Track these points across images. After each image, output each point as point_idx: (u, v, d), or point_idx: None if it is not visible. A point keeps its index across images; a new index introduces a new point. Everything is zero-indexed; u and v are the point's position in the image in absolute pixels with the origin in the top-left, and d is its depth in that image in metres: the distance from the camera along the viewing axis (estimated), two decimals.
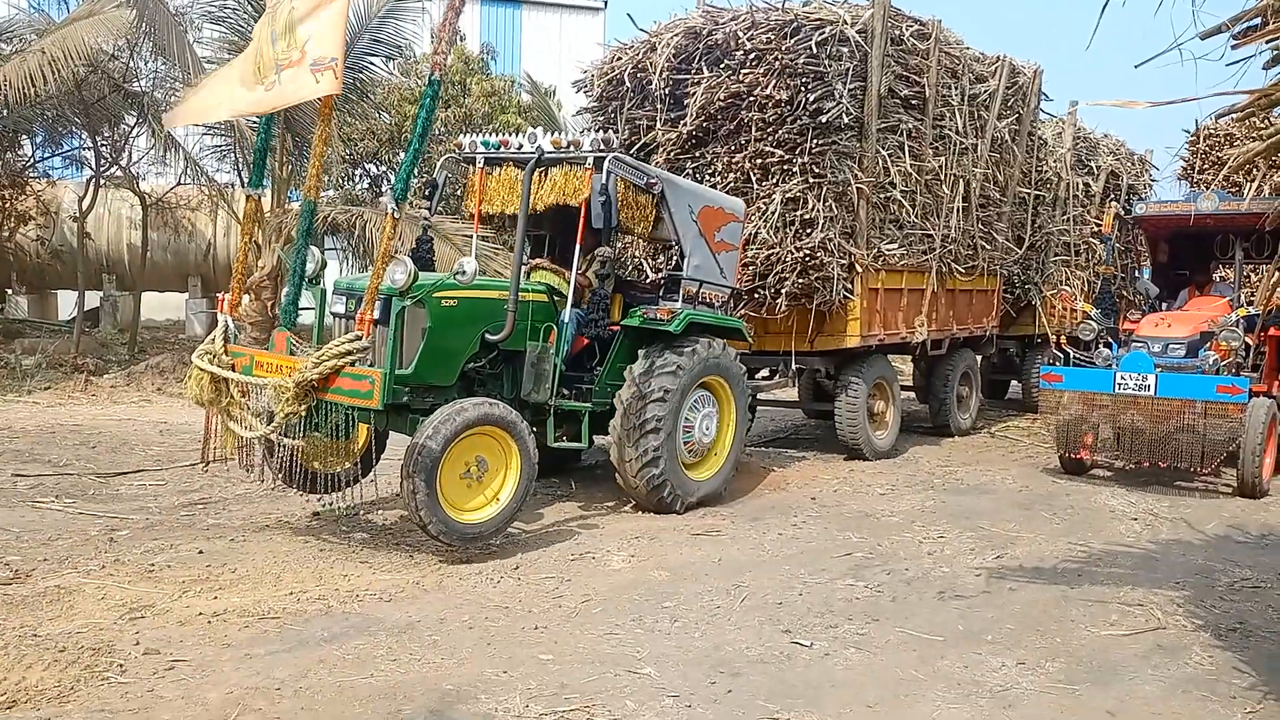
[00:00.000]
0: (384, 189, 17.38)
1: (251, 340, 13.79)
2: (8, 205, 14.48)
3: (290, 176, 13.95)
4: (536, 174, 6.61)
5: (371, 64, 14.13)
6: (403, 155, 16.95)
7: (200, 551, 5.58)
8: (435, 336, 5.86)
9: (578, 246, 6.63)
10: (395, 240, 5.52)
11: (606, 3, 26.98)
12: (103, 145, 14.11)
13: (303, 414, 5.37)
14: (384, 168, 17.38)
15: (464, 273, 5.90)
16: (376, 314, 5.53)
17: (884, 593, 5.34)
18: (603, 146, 6.52)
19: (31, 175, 15.22)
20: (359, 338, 5.39)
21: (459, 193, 14.99)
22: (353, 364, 5.36)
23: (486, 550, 5.84)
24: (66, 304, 17.87)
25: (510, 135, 7.04)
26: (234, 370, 5.69)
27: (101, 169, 14.32)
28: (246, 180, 6.25)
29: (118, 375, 12.19)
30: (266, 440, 5.68)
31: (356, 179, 17.13)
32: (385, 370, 5.48)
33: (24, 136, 14.40)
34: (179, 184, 15.37)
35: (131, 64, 13.27)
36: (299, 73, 5.17)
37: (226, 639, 4.32)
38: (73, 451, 8.20)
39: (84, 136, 14.33)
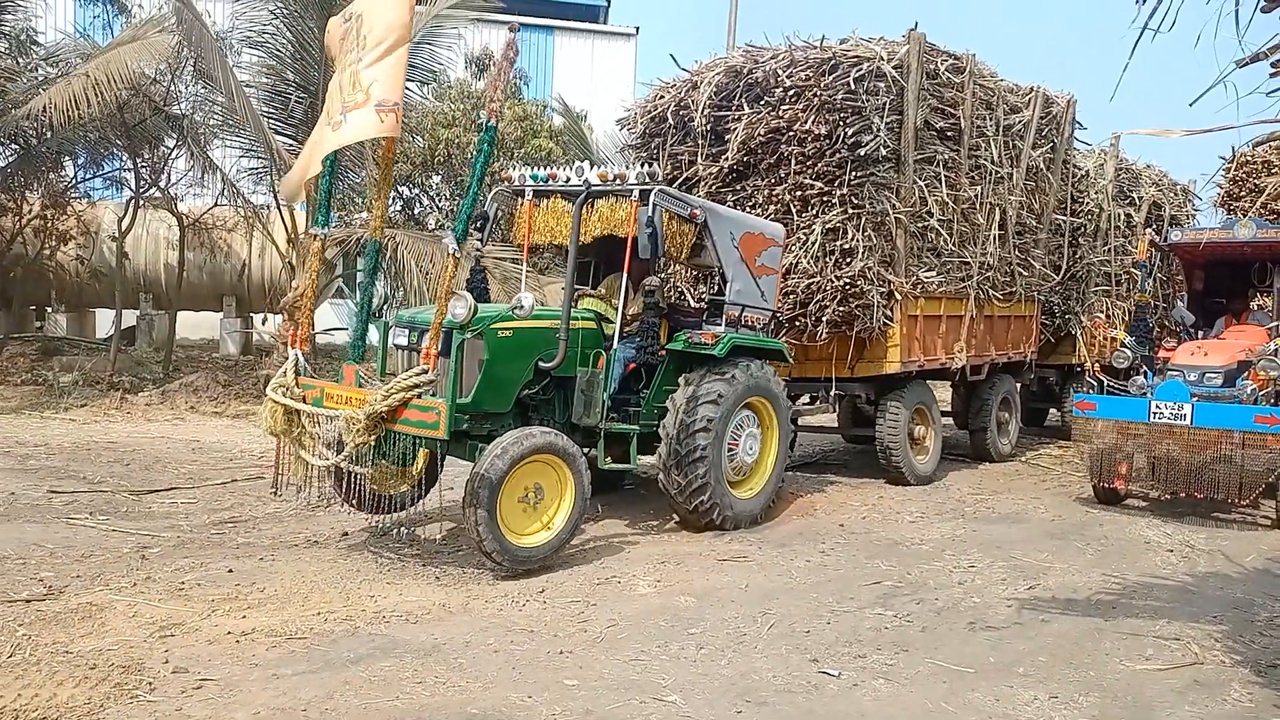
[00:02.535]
0: (415, 211, 17.56)
1: (284, 359, 13.93)
2: (49, 225, 14.76)
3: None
4: (586, 206, 6.83)
5: (406, 88, 14.30)
6: (434, 178, 17.14)
7: (230, 570, 5.62)
8: (493, 366, 6.15)
9: (625, 275, 6.85)
10: (455, 277, 5.84)
11: (638, 29, 27.20)
12: (143, 167, 14.37)
13: (372, 444, 5.61)
14: (416, 190, 17.56)
15: (522, 307, 6.17)
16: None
17: (913, 622, 5.27)
18: (648, 180, 6.71)
19: (73, 195, 15.52)
20: (425, 371, 5.64)
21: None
22: (419, 396, 5.58)
23: (512, 576, 5.84)
24: (104, 322, 18.15)
25: (557, 169, 7.28)
26: (305, 402, 5.97)
27: (141, 190, 14.57)
28: (311, 220, 6.68)
29: (153, 393, 12.35)
30: (335, 467, 5.95)
31: (390, 203, 17.29)
32: (448, 401, 5.68)
33: (66, 158, 14.70)
34: (216, 205, 15.61)
35: (172, 87, 13.53)
36: (364, 113, 5.50)
37: (254, 658, 4.35)
38: (107, 469, 8.31)
39: (124, 158, 14.60)
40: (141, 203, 14.90)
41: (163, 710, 3.79)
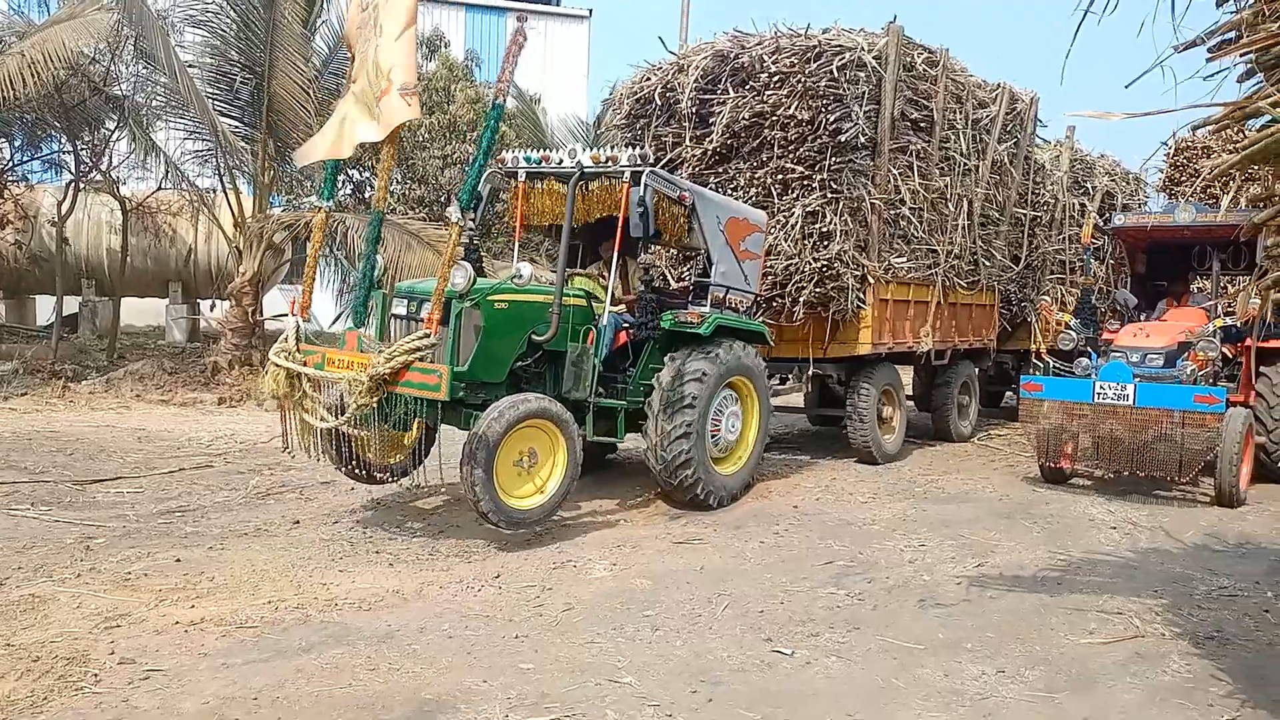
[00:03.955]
0: (366, 195, 17.32)
1: (232, 346, 13.67)
2: None
3: (272, 182, 13.86)
4: (577, 187, 6.95)
5: None
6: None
7: (178, 560, 5.53)
8: (489, 336, 6.32)
9: (615, 253, 6.97)
10: (458, 245, 5.99)
11: (591, 11, 27.04)
12: (82, 149, 14.01)
13: (374, 406, 5.75)
14: (367, 174, 17.33)
15: (521, 275, 6.37)
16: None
17: (865, 601, 5.34)
18: (640, 162, 6.83)
19: (10, 179, 15.09)
20: (427, 335, 5.79)
21: (443, 200, 14.92)
22: (421, 359, 5.73)
23: (467, 562, 5.83)
24: (44, 309, 17.72)
25: (550, 151, 7.42)
26: (307, 366, 6.09)
27: (81, 173, 14.20)
28: (320, 194, 7.01)
29: (96, 381, 12.08)
30: (334, 432, 6.12)
31: (340, 185, 17.07)
32: (449, 365, 5.85)
33: (2, 140, 14.28)
34: (160, 189, 15.27)
35: (112, 67, 13.18)
36: (391, 99, 5.73)
37: (203, 648, 4.28)
38: (49, 458, 8.12)
39: (63, 140, 14.22)
40: (82, 186, 14.54)
41: (109, 702, 3.72)
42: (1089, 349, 8.99)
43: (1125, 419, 7.96)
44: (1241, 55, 3.59)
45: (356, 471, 6.63)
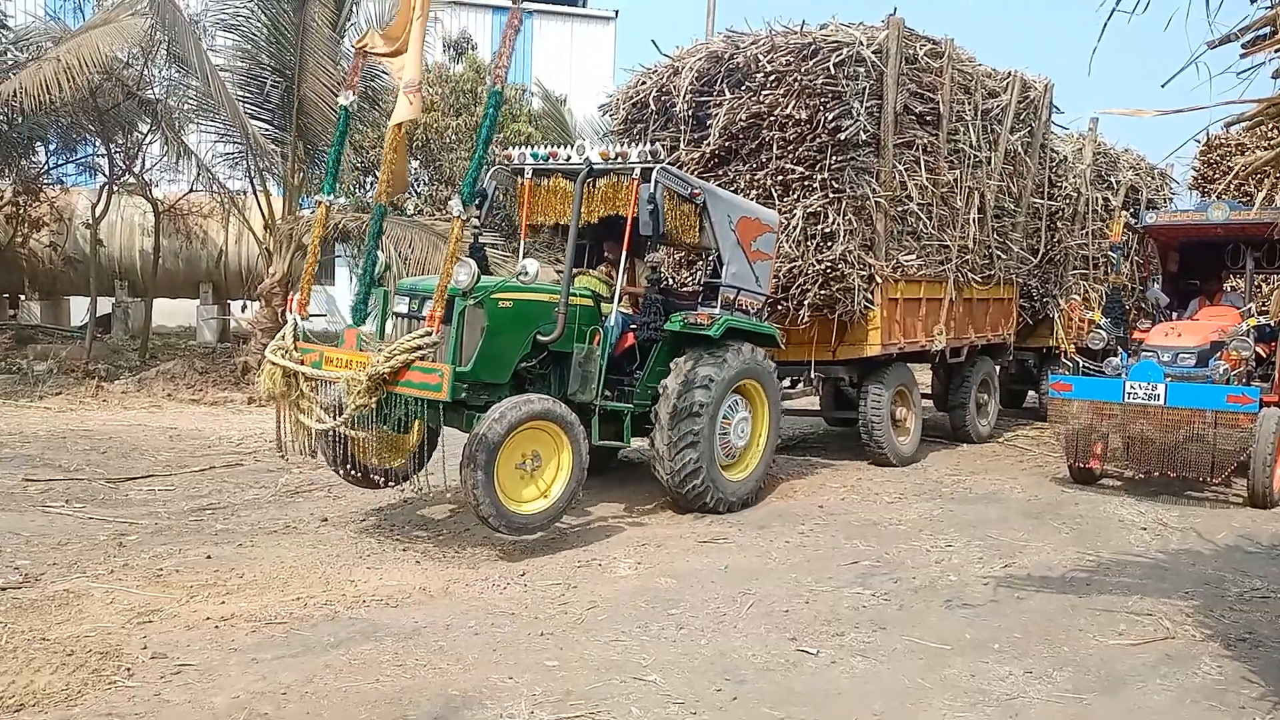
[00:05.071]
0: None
1: (261, 346, 13.83)
2: (22, 211, 14.59)
3: (301, 184, 14.00)
4: (585, 184, 6.84)
5: (382, 73, 14.19)
6: (413, 162, 17.01)
7: (208, 556, 5.60)
8: (492, 336, 6.16)
9: (624, 253, 6.89)
10: (460, 240, 5.83)
11: (617, 12, 27.09)
12: (116, 152, 14.21)
13: (373, 406, 5.58)
14: None
15: (526, 273, 6.21)
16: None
17: (891, 601, 5.32)
18: (649, 158, 6.71)
19: (45, 182, 15.33)
20: (428, 333, 5.64)
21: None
22: (422, 358, 5.58)
23: (493, 560, 5.86)
24: (79, 310, 17.98)
25: (558, 148, 7.27)
26: (304, 365, 5.96)
27: (115, 176, 14.40)
28: (322, 187, 6.87)
29: (129, 381, 12.25)
30: (332, 434, 5.94)
31: (367, 186, 17.21)
32: (450, 364, 5.72)
33: (39, 143, 14.52)
34: (191, 191, 15.46)
35: (146, 72, 13.36)
36: (400, 96, 5.76)
37: (233, 644, 4.34)
38: (83, 457, 8.25)
39: (98, 143, 14.43)
40: (116, 189, 14.74)
41: (141, 695, 3.78)
42: (1119, 348, 8.89)
43: (1156, 419, 7.86)
44: (1276, 51, 3.55)
45: (353, 474, 6.34)
